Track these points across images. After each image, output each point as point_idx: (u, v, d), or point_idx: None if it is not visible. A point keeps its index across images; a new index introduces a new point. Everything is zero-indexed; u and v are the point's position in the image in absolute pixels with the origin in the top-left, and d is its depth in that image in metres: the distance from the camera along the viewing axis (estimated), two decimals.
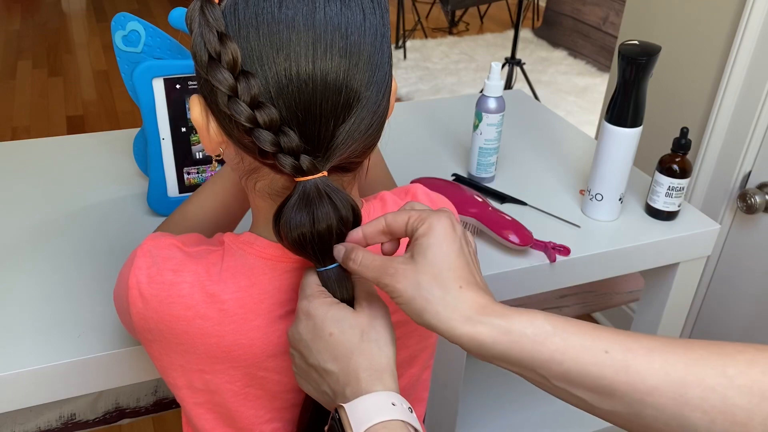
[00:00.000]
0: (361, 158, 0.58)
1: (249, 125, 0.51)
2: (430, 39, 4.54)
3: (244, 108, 0.51)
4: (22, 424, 0.88)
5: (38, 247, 0.98)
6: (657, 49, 1.01)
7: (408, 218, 0.56)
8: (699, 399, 0.48)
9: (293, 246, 0.55)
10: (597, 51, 4.10)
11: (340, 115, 0.52)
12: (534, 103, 1.54)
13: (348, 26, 0.52)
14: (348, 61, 0.52)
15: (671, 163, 1.08)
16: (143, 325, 0.61)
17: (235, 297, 0.59)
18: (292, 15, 0.50)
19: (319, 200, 0.53)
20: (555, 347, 0.51)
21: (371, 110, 0.54)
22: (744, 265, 1.58)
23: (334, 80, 0.51)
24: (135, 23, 0.96)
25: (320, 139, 0.53)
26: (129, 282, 0.60)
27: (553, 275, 1.04)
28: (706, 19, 1.53)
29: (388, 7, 0.57)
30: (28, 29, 4.41)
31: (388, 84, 0.56)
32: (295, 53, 0.50)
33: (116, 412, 0.94)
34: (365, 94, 0.53)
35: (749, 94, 1.46)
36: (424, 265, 0.53)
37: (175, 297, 0.59)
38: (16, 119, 3.28)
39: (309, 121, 0.52)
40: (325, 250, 0.56)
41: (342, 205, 0.54)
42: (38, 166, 1.19)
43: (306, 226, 0.53)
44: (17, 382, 0.78)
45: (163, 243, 0.62)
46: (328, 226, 0.54)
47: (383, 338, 0.55)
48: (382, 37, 0.54)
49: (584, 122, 3.29)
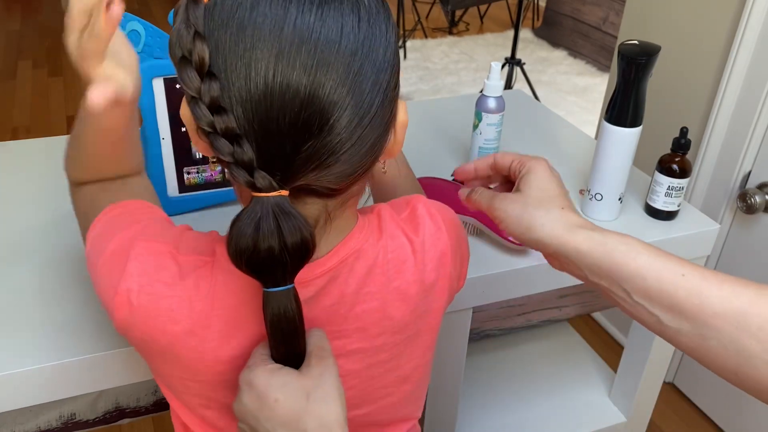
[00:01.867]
0: (338, 185, 0.54)
1: (208, 129, 0.49)
2: (430, 39, 4.54)
3: (203, 111, 0.49)
4: (22, 423, 0.88)
5: (38, 246, 0.98)
6: (657, 49, 1.01)
7: (512, 160, 0.70)
8: (757, 328, 0.53)
9: (237, 261, 0.52)
10: (597, 51, 4.10)
11: (301, 133, 0.49)
12: (534, 103, 1.54)
13: (319, 41, 0.48)
14: (312, 78, 0.48)
15: (671, 162, 1.08)
16: (125, 331, 0.60)
17: (221, 314, 0.58)
18: (261, 21, 0.48)
19: (265, 220, 0.50)
20: (642, 263, 0.59)
21: (343, 134, 0.50)
22: (744, 265, 1.58)
23: (294, 94, 0.48)
24: (135, 23, 0.96)
25: (279, 156, 0.50)
26: (119, 287, 0.58)
27: (553, 275, 1.03)
28: (706, 19, 1.53)
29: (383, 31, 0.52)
30: (28, 29, 4.41)
31: (371, 110, 0.52)
32: (257, 61, 0.48)
33: (116, 412, 0.94)
34: (336, 116, 0.49)
35: (749, 94, 1.46)
36: (530, 194, 0.66)
37: (164, 311, 0.58)
38: (17, 119, 3.28)
39: (267, 134, 0.49)
40: (267, 272, 0.52)
41: (289, 232, 0.50)
42: (38, 166, 1.19)
43: (247, 243, 0.50)
44: (17, 382, 0.78)
45: (157, 249, 0.60)
46: (269, 247, 0.50)
47: (330, 395, 0.54)
48: (364, 60, 0.50)
49: (584, 122, 3.29)
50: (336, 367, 0.56)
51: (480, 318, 1.16)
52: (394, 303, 0.63)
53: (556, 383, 1.43)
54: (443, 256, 0.66)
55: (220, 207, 1.08)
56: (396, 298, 0.63)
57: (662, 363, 1.28)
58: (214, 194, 1.07)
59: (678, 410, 1.84)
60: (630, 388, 1.32)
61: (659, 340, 1.23)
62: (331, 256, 0.60)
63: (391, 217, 0.65)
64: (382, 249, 0.63)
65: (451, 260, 0.67)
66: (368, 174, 0.57)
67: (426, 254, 0.65)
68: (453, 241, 0.67)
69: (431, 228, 0.66)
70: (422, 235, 0.65)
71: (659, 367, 1.28)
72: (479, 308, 1.13)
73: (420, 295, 0.65)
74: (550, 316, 1.38)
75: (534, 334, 1.53)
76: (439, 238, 0.66)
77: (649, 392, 1.32)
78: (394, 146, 0.58)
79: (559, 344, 1.53)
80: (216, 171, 1.06)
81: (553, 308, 1.35)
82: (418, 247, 0.65)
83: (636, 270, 0.59)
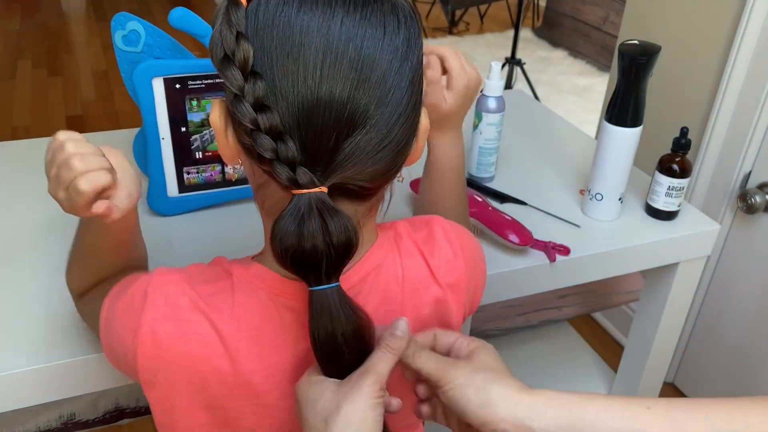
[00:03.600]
0: (371, 184, 0.55)
1: (251, 127, 0.50)
2: (430, 39, 4.54)
3: (247, 109, 0.50)
4: (22, 423, 0.88)
5: (38, 246, 0.98)
6: (657, 49, 1.00)
7: (456, 339, 0.62)
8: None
9: (283, 260, 0.52)
10: (597, 51, 4.10)
11: (344, 130, 0.50)
12: (534, 102, 1.54)
13: (364, 40, 0.50)
14: (358, 76, 0.50)
15: (671, 162, 1.08)
16: (151, 367, 0.58)
17: (250, 335, 0.58)
18: (308, 21, 0.49)
19: (309, 216, 0.50)
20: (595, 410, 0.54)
21: (381, 132, 0.52)
22: (744, 265, 1.58)
23: (340, 92, 0.49)
24: (135, 23, 0.96)
25: (320, 153, 0.51)
26: (141, 320, 0.57)
27: (553, 275, 1.04)
28: (706, 19, 1.53)
29: (417, 33, 0.54)
30: (27, 29, 4.41)
31: (406, 110, 0.53)
32: (304, 60, 0.49)
33: (116, 412, 0.94)
34: (374, 113, 0.51)
35: (749, 94, 1.46)
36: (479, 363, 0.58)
37: (192, 335, 0.57)
38: (16, 119, 3.28)
39: (310, 131, 0.50)
40: (313, 269, 0.52)
41: (335, 228, 0.51)
42: (38, 166, 1.18)
43: (292, 241, 0.50)
44: (17, 382, 0.78)
45: (173, 279, 0.59)
46: (313, 245, 0.50)
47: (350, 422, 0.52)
48: (403, 59, 0.52)
49: (584, 122, 3.28)
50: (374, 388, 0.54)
51: (480, 318, 1.16)
52: (410, 321, 0.63)
53: (556, 383, 1.43)
54: (458, 284, 0.66)
55: (220, 207, 1.08)
56: (412, 317, 0.63)
57: (662, 363, 1.28)
58: (214, 194, 1.07)
59: None
60: (630, 388, 1.32)
61: (659, 339, 1.23)
62: (354, 272, 0.60)
63: (408, 234, 0.65)
64: (401, 267, 0.63)
65: (465, 288, 0.67)
66: (394, 178, 0.58)
67: (442, 278, 0.65)
68: (469, 268, 0.67)
69: (448, 253, 0.65)
70: (437, 259, 0.65)
71: (659, 367, 1.28)
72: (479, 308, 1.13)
73: (436, 315, 0.65)
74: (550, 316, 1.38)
75: (534, 334, 1.53)
76: (455, 266, 0.66)
77: (649, 392, 1.32)
78: (415, 151, 0.58)
79: (559, 344, 1.53)
80: (216, 171, 1.06)
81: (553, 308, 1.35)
82: (434, 270, 0.65)
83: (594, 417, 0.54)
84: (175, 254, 0.97)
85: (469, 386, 0.56)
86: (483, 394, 0.55)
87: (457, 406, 0.56)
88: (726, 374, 1.71)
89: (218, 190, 1.07)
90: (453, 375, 0.57)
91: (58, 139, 0.59)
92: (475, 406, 0.55)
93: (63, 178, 0.58)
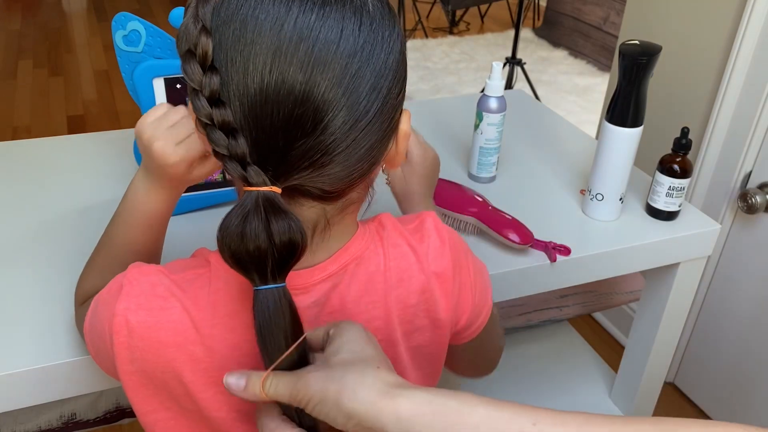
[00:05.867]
0: (333, 188, 0.54)
1: (206, 121, 0.50)
2: (430, 39, 4.54)
3: (203, 103, 0.50)
4: (23, 423, 0.88)
5: (38, 246, 0.98)
6: (657, 49, 1.00)
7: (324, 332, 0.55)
8: None
9: (226, 257, 0.51)
10: (597, 51, 4.10)
11: (293, 130, 0.50)
12: (534, 102, 1.54)
13: (318, 40, 0.49)
14: (308, 77, 0.49)
15: (672, 163, 1.08)
16: (126, 356, 0.59)
17: (224, 322, 0.58)
18: (263, 18, 0.49)
19: (254, 214, 0.50)
20: (480, 417, 0.46)
21: (335, 136, 0.51)
22: (745, 265, 1.58)
23: (289, 91, 0.49)
24: (135, 23, 0.96)
25: (271, 152, 0.50)
26: (115, 309, 0.58)
27: (554, 275, 1.04)
28: (706, 19, 1.53)
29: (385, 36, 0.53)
30: (28, 29, 4.42)
31: (367, 115, 0.52)
32: (255, 56, 0.49)
33: (117, 412, 0.94)
34: (326, 116, 0.50)
35: (750, 94, 1.46)
36: (337, 359, 0.51)
37: (165, 323, 0.58)
38: (17, 119, 3.28)
39: (260, 130, 0.50)
40: (256, 269, 0.51)
41: (278, 229, 0.50)
42: (38, 166, 1.19)
43: (235, 239, 0.50)
44: (17, 382, 0.78)
45: (149, 270, 0.60)
46: (256, 246, 0.49)
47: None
48: (363, 62, 0.51)
49: (585, 122, 3.29)
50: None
51: None
52: (395, 312, 0.63)
53: (556, 383, 1.43)
54: (444, 273, 0.65)
55: (220, 207, 1.08)
56: (398, 308, 0.63)
57: (663, 363, 1.28)
58: (214, 194, 1.07)
59: (679, 410, 1.84)
60: (631, 388, 1.32)
61: (660, 339, 1.23)
62: (332, 261, 0.60)
63: (393, 226, 0.65)
64: (384, 257, 0.63)
65: (452, 279, 0.66)
66: (367, 180, 0.57)
67: (429, 265, 0.64)
68: (453, 263, 0.66)
69: (436, 242, 0.65)
70: (426, 246, 0.64)
71: (660, 367, 1.28)
72: None
73: (421, 305, 0.65)
74: (550, 316, 1.38)
75: (534, 334, 1.53)
76: (443, 254, 0.65)
77: (649, 392, 1.32)
78: (396, 156, 0.58)
79: (559, 344, 1.53)
80: (216, 171, 1.06)
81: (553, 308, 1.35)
82: (422, 257, 0.64)
83: (475, 426, 0.46)
84: (175, 254, 0.96)
85: (325, 403, 0.49)
86: (343, 409, 0.48)
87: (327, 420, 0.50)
88: (726, 374, 1.71)
89: (218, 190, 1.07)
90: (304, 391, 0.50)
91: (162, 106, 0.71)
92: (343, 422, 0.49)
93: (180, 132, 0.68)
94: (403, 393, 0.48)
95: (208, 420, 0.62)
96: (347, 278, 0.61)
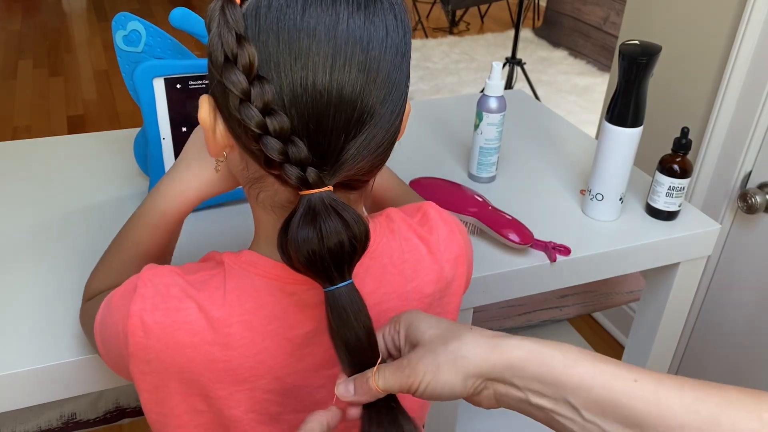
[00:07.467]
0: (368, 177, 0.57)
1: (258, 131, 0.50)
2: (430, 39, 4.54)
3: (255, 113, 0.50)
4: (23, 423, 0.89)
5: (38, 246, 0.98)
6: (657, 49, 1.00)
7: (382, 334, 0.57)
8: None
9: (302, 264, 0.52)
10: (597, 51, 4.10)
11: (351, 129, 0.51)
12: (534, 102, 1.54)
13: (370, 41, 0.51)
14: (366, 76, 0.51)
15: (672, 163, 1.08)
16: (142, 357, 0.58)
17: (242, 320, 0.58)
18: (314, 24, 0.50)
19: (326, 215, 0.51)
20: (584, 371, 0.50)
21: (384, 128, 0.53)
22: (744, 265, 1.58)
23: (349, 94, 0.50)
24: (135, 23, 0.96)
25: (329, 153, 0.51)
26: (130, 310, 0.58)
27: (554, 275, 1.04)
28: (706, 19, 1.53)
29: (410, 28, 0.56)
30: (28, 29, 4.42)
31: (403, 104, 0.55)
32: (313, 63, 0.49)
33: (117, 412, 0.94)
34: (379, 111, 0.52)
35: (750, 94, 1.46)
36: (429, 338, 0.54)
37: (181, 323, 0.57)
38: (17, 119, 3.28)
39: (320, 133, 0.51)
40: (335, 268, 0.52)
41: (352, 221, 0.52)
42: (38, 166, 1.19)
43: (314, 243, 0.50)
44: (17, 382, 0.78)
45: (163, 272, 0.60)
46: (338, 242, 0.51)
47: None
48: (402, 57, 0.54)
49: (585, 122, 3.29)
50: None
51: (480, 318, 1.16)
52: (412, 303, 0.64)
53: None
54: (459, 257, 0.67)
55: (220, 207, 1.08)
56: (414, 298, 0.64)
57: (663, 363, 1.28)
58: None
59: None
60: None
61: (660, 339, 1.23)
62: None
63: (402, 219, 0.66)
64: (397, 250, 0.64)
65: (466, 261, 0.68)
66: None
67: (442, 255, 0.66)
68: (465, 242, 0.69)
69: (444, 231, 0.67)
70: (437, 237, 0.66)
71: (660, 366, 1.28)
72: (480, 308, 1.13)
73: (437, 294, 0.66)
74: (550, 316, 1.38)
75: (534, 334, 1.53)
76: (453, 240, 0.67)
77: None
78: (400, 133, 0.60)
79: None
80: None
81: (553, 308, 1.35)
82: (434, 247, 0.66)
83: (579, 379, 0.49)
84: (176, 254, 0.97)
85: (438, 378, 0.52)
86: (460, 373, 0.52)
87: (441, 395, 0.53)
88: (727, 374, 1.71)
89: None
90: (417, 374, 0.52)
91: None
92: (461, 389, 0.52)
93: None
94: (510, 342, 0.52)
95: (223, 420, 0.62)
96: (362, 271, 0.61)
